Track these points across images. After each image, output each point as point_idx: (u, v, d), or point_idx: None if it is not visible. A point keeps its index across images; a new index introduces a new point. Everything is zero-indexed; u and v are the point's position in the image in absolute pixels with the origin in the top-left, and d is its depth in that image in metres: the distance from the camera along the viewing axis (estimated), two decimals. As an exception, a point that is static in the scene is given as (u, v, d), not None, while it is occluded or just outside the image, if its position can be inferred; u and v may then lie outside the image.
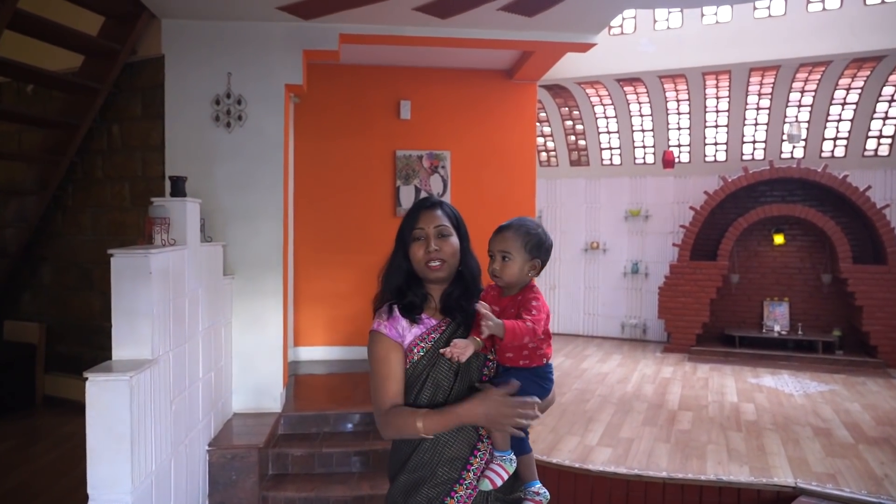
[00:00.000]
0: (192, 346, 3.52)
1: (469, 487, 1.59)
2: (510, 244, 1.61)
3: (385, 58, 5.91)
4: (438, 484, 1.58)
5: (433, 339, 1.64)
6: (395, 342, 1.63)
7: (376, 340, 1.64)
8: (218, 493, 3.75)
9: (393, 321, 1.65)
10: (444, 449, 1.58)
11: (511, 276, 1.61)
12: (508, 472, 1.60)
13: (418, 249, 1.65)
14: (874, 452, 4.20)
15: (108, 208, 5.05)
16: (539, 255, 1.63)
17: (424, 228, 1.66)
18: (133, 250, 2.90)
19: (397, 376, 1.61)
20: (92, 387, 2.60)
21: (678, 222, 8.26)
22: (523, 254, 1.61)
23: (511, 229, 1.63)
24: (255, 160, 4.44)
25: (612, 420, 4.94)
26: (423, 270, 1.66)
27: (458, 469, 1.59)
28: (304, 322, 6.11)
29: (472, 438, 1.60)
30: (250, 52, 4.44)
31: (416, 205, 1.72)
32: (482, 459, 1.60)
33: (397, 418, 1.56)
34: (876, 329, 6.94)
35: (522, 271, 1.62)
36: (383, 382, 1.60)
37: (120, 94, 4.91)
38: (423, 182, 6.22)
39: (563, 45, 5.07)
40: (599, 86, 7.86)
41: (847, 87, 7.17)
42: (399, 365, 1.62)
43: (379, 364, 1.62)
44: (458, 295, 1.69)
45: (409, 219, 1.69)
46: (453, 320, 1.67)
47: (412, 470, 1.60)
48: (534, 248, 1.62)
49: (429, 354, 1.63)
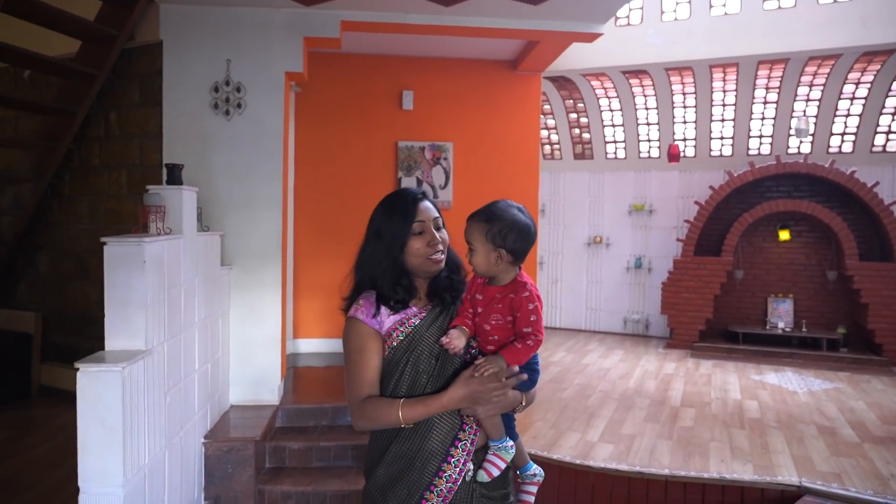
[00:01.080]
0: (187, 337, 3.46)
1: (450, 480, 1.52)
2: (471, 234, 1.56)
3: (387, 46, 5.83)
4: (417, 477, 1.52)
5: (413, 323, 1.59)
6: (373, 330, 1.58)
7: (353, 328, 1.59)
8: (213, 487, 3.70)
9: (370, 307, 1.59)
10: (423, 440, 1.53)
11: (479, 267, 1.56)
12: (506, 460, 1.57)
13: (417, 242, 1.59)
14: (880, 451, 4.14)
15: (104, 196, 4.98)
16: (504, 244, 1.52)
17: (425, 221, 1.60)
18: (126, 238, 2.84)
19: (374, 366, 1.56)
20: (83, 377, 2.54)
21: (682, 217, 8.17)
22: (485, 244, 1.53)
23: (474, 218, 1.58)
24: (254, 149, 4.37)
25: (613, 416, 4.88)
26: (423, 264, 1.60)
27: (438, 461, 1.53)
28: (304, 314, 6.05)
29: (453, 428, 1.55)
30: (250, 39, 4.36)
31: (410, 197, 1.64)
32: (464, 451, 1.55)
33: (374, 408, 1.51)
34: (881, 327, 6.87)
35: (489, 262, 1.54)
36: (359, 372, 1.55)
37: (117, 81, 4.83)
38: (426, 174, 6.14)
39: (569, 34, 4.98)
40: (605, 78, 7.77)
41: (856, 81, 7.06)
42: (376, 354, 1.57)
43: (355, 353, 1.57)
44: (445, 276, 1.64)
45: (405, 212, 1.61)
46: (442, 302, 1.62)
47: (390, 463, 1.55)
48: (496, 236, 1.52)
49: (408, 339, 1.58)
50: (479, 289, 1.59)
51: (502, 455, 1.56)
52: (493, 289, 1.57)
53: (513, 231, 1.53)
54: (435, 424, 1.53)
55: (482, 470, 1.56)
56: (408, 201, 1.62)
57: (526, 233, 1.54)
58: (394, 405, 1.49)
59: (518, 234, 1.53)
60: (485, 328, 1.56)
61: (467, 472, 1.55)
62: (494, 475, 1.56)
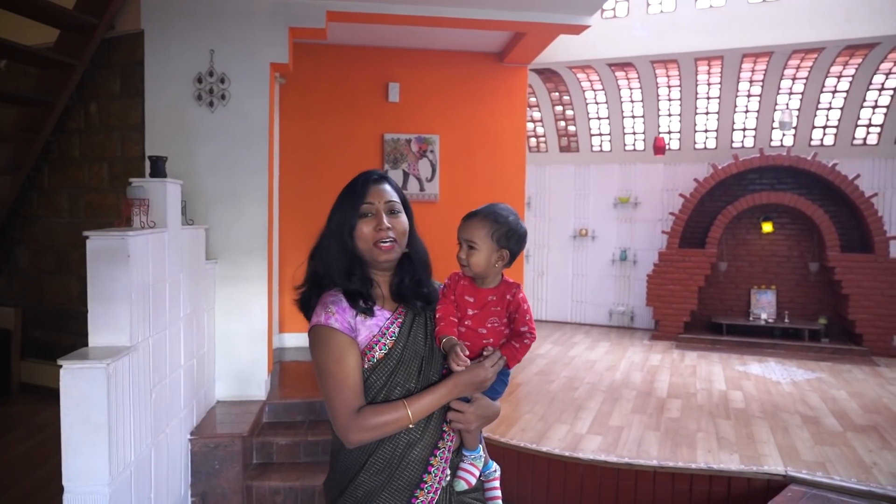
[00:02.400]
0: (172, 333, 3.41)
1: (430, 491, 1.46)
2: (475, 233, 1.50)
3: (373, 38, 5.77)
4: (398, 490, 1.44)
5: (393, 333, 1.48)
6: (350, 338, 1.43)
7: (329, 337, 1.42)
8: (200, 483, 3.66)
9: (342, 312, 1.44)
10: (406, 451, 1.45)
11: (477, 267, 1.50)
12: (479, 468, 1.58)
13: (366, 226, 1.47)
14: (862, 440, 4.20)
15: (85, 189, 4.89)
16: (508, 245, 1.51)
17: (374, 203, 1.47)
18: (110, 232, 2.79)
19: (356, 375, 1.42)
20: (66, 375, 2.49)
21: (667, 210, 8.22)
22: (490, 243, 1.50)
23: (478, 217, 1.52)
24: (238, 141, 4.31)
25: (601, 408, 4.90)
26: (370, 251, 1.47)
27: (419, 472, 1.46)
28: (290, 308, 5.93)
29: (434, 438, 1.48)
30: (234, 29, 4.29)
31: (362, 177, 1.52)
32: (442, 458, 1.49)
33: (376, 416, 1.39)
34: (862, 317, 6.98)
35: (490, 262, 1.51)
36: (344, 385, 1.40)
37: (97, 71, 4.73)
38: (412, 166, 6.11)
39: (555, 26, 4.97)
40: (591, 70, 7.77)
41: (838, 74, 7.14)
42: (357, 363, 1.43)
43: (334, 365, 1.40)
44: (410, 280, 1.53)
45: (353, 193, 1.49)
46: (409, 308, 1.52)
47: (372, 473, 1.44)
48: (502, 237, 1.51)
49: (393, 352, 1.46)
50: (469, 291, 1.54)
51: (476, 464, 1.57)
52: (486, 291, 1.53)
53: (516, 234, 1.53)
54: (417, 434, 1.46)
55: (460, 479, 1.53)
56: (358, 182, 1.51)
57: (524, 237, 1.57)
58: (398, 406, 1.41)
59: (519, 238, 1.54)
60: (480, 332, 1.52)
61: (445, 478, 1.51)
62: (473, 484, 1.55)
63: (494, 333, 1.52)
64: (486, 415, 1.53)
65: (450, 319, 1.51)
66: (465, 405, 1.49)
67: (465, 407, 1.48)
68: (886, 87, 7.09)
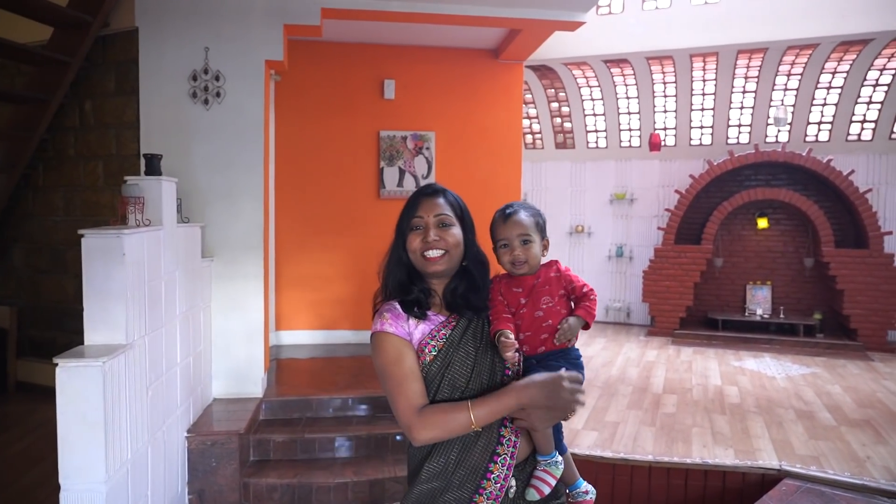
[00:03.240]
0: (168, 331, 3.41)
1: (490, 497, 1.43)
2: (527, 226, 1.56)
3: (368, 35, 5.76)
4: (456, 495, 1.44)
5: (444, 335, 1.50)
6: (405, 340, 1.48)
7: (384, 342, 1.48)
8: (197, 481, 3.67)
9: (396, 319, 1.50)
10: (461, 457, 1.44)
11: (535, 259, 1.56)
12: (556, 476, 1.48)
13: (415, 239, 1.52)
14: (856, 434, 4.23)
15: (80, 188, 4.88)
16: (545, 234, 1.63)
17: (424, 217, 1.53)
18: (105, 231, 2.78)
19: (417, 374, 1.46)
20: (63, 373, 2.49)
21: (663, 206, 8.24)
22: (538, 234, 1.58)
23: (522, 212, 1.58)
24: (234, 139, 4.30)
25: (597, 404, 4.92)
26: (419, 262, 1.53)
27: (477, 478, 1.44)
28: (286, 305, 6.00)
29: (491, 443, 1.45)
30: (229, 26, 4.27)
31: (417, 192, 1.59)
32: (503, 465, 1.44)
33: (441, 415, 1.39)
34: (856, 312, 7.01)
35: (540, 251, 1.59)
36: (405, 384, 1.44)
37: (92, 69, 4.72)
38: (408, 163, 6.11)
39: (551, 23, 4.97)
40: (586, 66, 7.77)
41: (833, 70, 7.16)
42: (415, 362, 1.47)
43: (393, 367, 1.45)
44: (463, 290, 1.55)
45: (407, 207, 1.57)
46: (462, 316, 1.53)
47: (426, 480, 1.46)
48: (542, 228, 1.62)
49: (442, 354, 1.48)
50: (514, 283, 1.57)
51: (551, 471, 1.48)
52: (529, 278, 1.56)
53: (545, 224, 1.65)
54: (473, 440, 1.44)
55: (531, 488, 1.48)
56: (414, 196, 1.58)
57: None
58: (463, 407, 1.39)
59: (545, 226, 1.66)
60: (536, 315, 1.52)
61: (509, 488, 1.46)
62: (545, 493, 1.47)
63: (551, 313, 1.53)
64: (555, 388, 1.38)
65: (502, 316, 1.52)
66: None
67: None
68: (881, 83, 7.12)
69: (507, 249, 1.55)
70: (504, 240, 1.55)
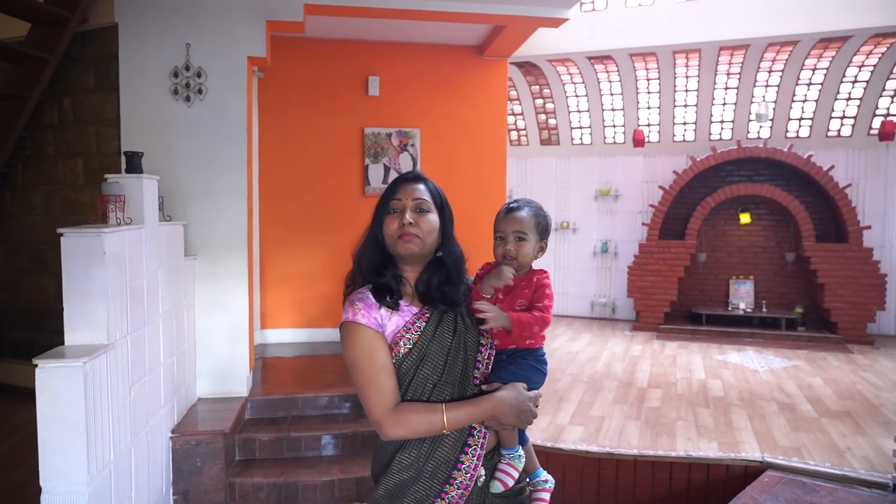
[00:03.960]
0: (151, 330, 3.38)
1: (461, 487, 1.45)
2: (525, 224, 1.57)
3: (352, 31, 5.73)
4: (427, 485, 1.45)
5: (419, 328, 1.49)
6: (377, 332, 1.46)
7: (356, 334, 1.46)
8: (182, 481, 3.64)
9: (369, 309, 1.48)
10: (433, 448, 1.46)
11: (526, 257, 1.57)
12: (519, 469, 1.55)
13: (392, 222, 1.51)
14: (836, 426, 4.29)
15: (60, 186, 4.81)
16: (545, 236, 1.63)
17: (402, 200, 1.52)
18: (85, 229, 2.75)
19: (390, 369, 1.45)
20: (42, 374, 2.46)
21: (647, 202, 8.30)
22: (535, 234, 1.59)
23: (524, 209, 1.59)
24: (216, 136, 4.26)
25: (583, 398, 4.95)
26: (394, 244, 1.51)
27: (448, 469, 1.45)
28: (271, 304, 5.96)
29: (462, 434, 1.47)
30: (210, 22, 4.23)
31: (399, 177, 1.59)
32: (474, 456, 1.47)
33: (413, 415, 1.41)
34: (836, 306, 7.11)
35: (534, 252, 1.59)
36: (377, 379, 1.43)
37: (71, 65, 4.64)
38: (393, 160, 6.09)
39: (534, 19, 4.98)
40: (570, 63, 7.80)
41: (813, 67, 7.25)
42: (387, 356, 1.46)
43: (365, 361, 1.44)
44: (438, 282, 1.53)
45: (387, 190, 1.56)
46: (435, 309, 1.52)
47: (398, 471, 1.46)
48: (543, 229, 1.62)
49: (417, 347, 1.47)
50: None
51: (514, 464, 1.53)
52: (517, 278, 1.56)
53: (549, 226, 1.65)
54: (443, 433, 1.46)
55: (496, 480, 1.52)
56: (395, 180, 1.57)
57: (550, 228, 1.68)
58: (436, 410, 1.42)
59: (549, 231, 1.66)
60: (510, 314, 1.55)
61: (479, 477, 1.49)
62: (510, 485, 1.52)
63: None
64: (522, 407, 1.48)
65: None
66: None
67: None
68: (859, 79, 7.22)
69: (502, 242, 1.57)
70: (501, 232, 1.58)
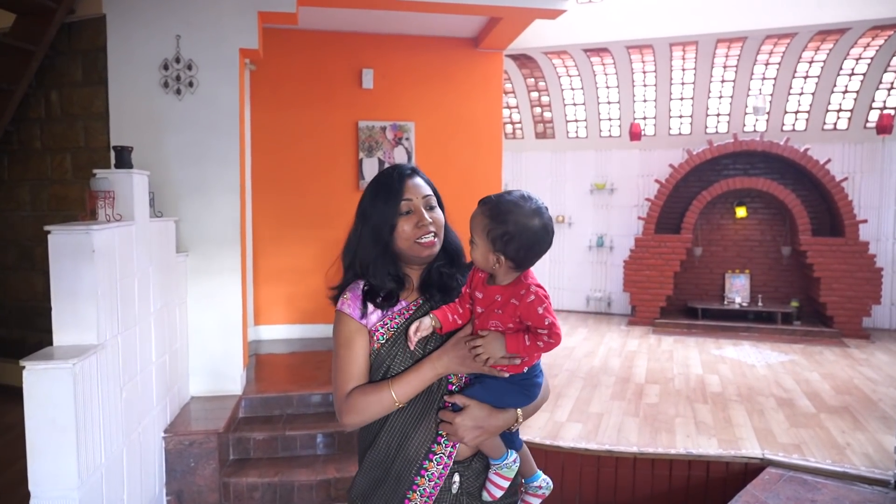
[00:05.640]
0: (142, 329, 3.30)
1: (424, 494, 1.40)
2: (475, 225, 1.33)
3: (346, 23, 5.64)
4: (393, 486, 1.42)
5: (396, 324, 1.44)
6: (359, 324, 1.45)
7: (341, 322, 1.47)
8: (175, 482, 3.57)
9: (356, 299, 1.46)
10: (399, 448, 1.42)
11: (478, 263, 1.36)
12: (509, 477, 1.45)
13: (407, 224, 1.42)
14: (835, 421, 4.28)
15: (48, 181, 4.71)
16: (505, 251, 1.28)
17: (413, 199, 1.43)
18: (73, 226, 2.67)
19: (359, 360, 1.44)
20: (30, 376, 2.39)
21: (643, 195, 8.26)
22: (485, 242, 1.30)
23: (481, 206, 1.34)
24: (208, 130, 4.17)
25: (580, 395, 4.91)
26: (412, 248, 1.43)
27: (412, 473, 1.41)
28: (265, 300, 5.89)
29: (427, 440, 1.41)
30: (201, 13, 4.13)
31: (396, 172, 1.46)
32: (439, 464, 1.41)
33: (362, 397, 1.39)
34: (832, 300, 7.11)
35: (487, 261, 1.32)
36: (344, 367, 1.43)
37: (58, 58, 4.54)
38: (387, 154, 6.02)
39: (531, 10, 4.91)
40: (566, 56, 7.73)
41: (810, 60, 7.21)
42: (363, 349, 1.45)
43: (341, 349, 1.45)
44: (437, 273, 1.49)
45: (390, 189, 1.44)
46: (430, 299, 1.47)
47: (367, 470, 1.46)
48: (498, 239, 1.28)
49: (390, 342, 1.44)
50: (480, 287, 1.39)
51: (504, 473, 1.44)
52: (494, 289, 1.35)
53: (517, 239, 1.27)
54: (409, 432, 1.42)
55: (485, 490, 1.46)
56: (394, 178, 1.45)
57: (533, 242, 1.29)
58: (382, 386, 1.39)
59: (522, 243, 1.28)
60: (482, 334, 1.36)
61: (451, 483, 1.43)
62: (497, 496, 1.45)
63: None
64: (484, 426, 1.37)
65: (444, 309, 1.40)
66: (451, 414, 1.37)
67: (451, 416, 1.37)
68: (856, 72, 7.19)
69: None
70: None
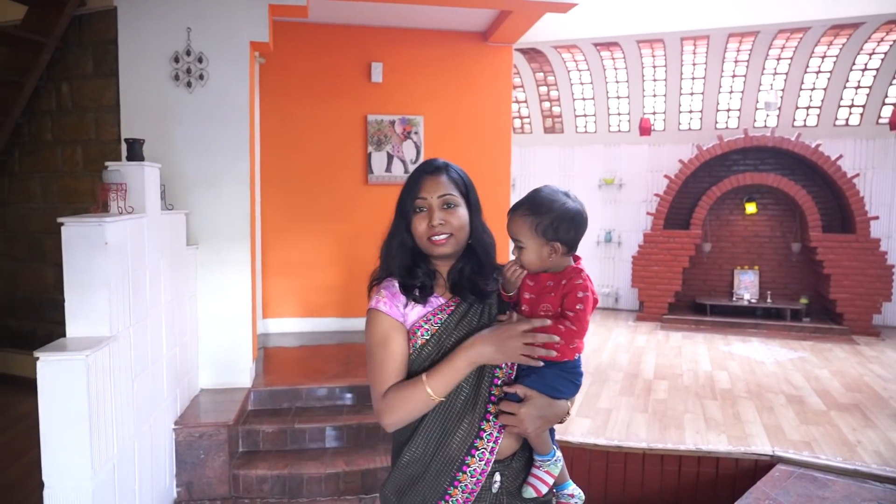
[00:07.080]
0: (153, 321, 3.31)
1: (466, 490, 1.39)
2: (519, 230, 1.39)
3: (355, 16, 5.62)
4: (432, 484, 1.41)
5: (439, 320, 1.44)
6: (397, 322, 1.43)
7: (375, 320, 1.44)
8: (185, 473, 3.59)
9: (393, 298, 1.44)
10: (439, 445, 1.41)
11: (532, 265, 1.39)
12: (554, 475, 1.45)
13: (420, 223, 1.44)
14: (846, 419, 4.25)
15: (58, 174, 4.72)
16: (557, 236, 1.36)
17: (427, 198, 1.44)
18: (86, 219, 2.68)
19: (398, 358, 1.41)
20: (44, 367, 2.40)
21: (652, 191, 8.22)
22: (536, 238, 1.37)
23: (518, 211, 1.40)
24: (218, 123, 4.17)
25: (589, 390, 4.91)
26: (426, 246, 1.45)
27: (452, 470, 1.40)
28: (274, 293, 5.90)
29: (470, 436, 1.40)
30: (211, 6, 4.12)
31: (418, 169, 1.49)
32: (481, 460, 1.40)
33: (398, 395, 1.37)
34: (842, 297, 7.06)
35: (541, 257, 1.38)
36: (382, 366, 1.40)
37: (69, 50, 4.54)
38: (396, 148, 6.00)
39: (542, 4, 4.88)
40: (576, 50, 7.68)
41: (823, 55, 7.14)
42: (401, 347, 1.42)
43: (378, 348, 1.42)
44: (470, 272, 1.48)
45: (409, 187, 1.47)
46: (464, 300, 1.47)
47: (405, 466, 1.43)
48: (548, 229, 1.36)
49: (434, 339, 1.42)
50: (529, 275, 1.42)
51: (550, 470, 1.44)
52: (546, 275, 1.39)
53: (565, 220, 1.36)
54: (451, 427, 1.40)
55: (528, 486, 1.44)
56: (416, 175, 1.48)
57: (579, 220, 1.37)
58: (417, 382, 1.36)
59: (571, 223, 1.37)
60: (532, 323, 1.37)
61: (493, 482, 1.42)
62: (543, 492, 1.43)
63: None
64: (546, 415, 1.38)
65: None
66: (515, 405, 1.36)
67: (515, 407, 1.36)
68: (870, 66, 7.12)
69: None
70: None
